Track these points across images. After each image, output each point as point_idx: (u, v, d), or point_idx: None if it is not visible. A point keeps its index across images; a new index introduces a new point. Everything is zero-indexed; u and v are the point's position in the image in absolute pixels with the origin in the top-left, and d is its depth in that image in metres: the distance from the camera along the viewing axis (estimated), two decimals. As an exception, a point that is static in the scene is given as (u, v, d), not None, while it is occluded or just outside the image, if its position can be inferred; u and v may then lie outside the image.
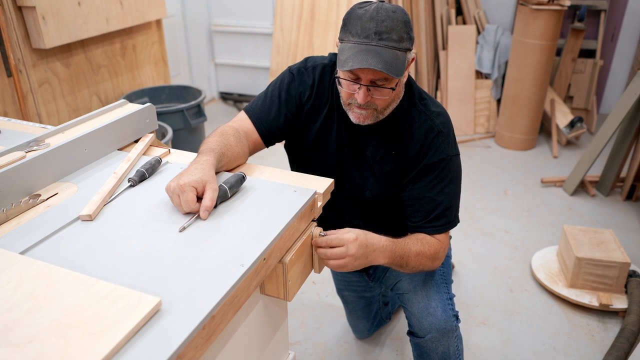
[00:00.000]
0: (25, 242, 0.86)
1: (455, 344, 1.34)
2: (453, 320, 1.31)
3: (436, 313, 1.30)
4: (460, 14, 3.90)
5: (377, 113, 1.19)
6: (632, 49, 3.95)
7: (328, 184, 1.07)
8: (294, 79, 1.30)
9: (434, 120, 1.24)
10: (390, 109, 1.21)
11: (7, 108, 2.21)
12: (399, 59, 1.09)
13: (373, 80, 1.12)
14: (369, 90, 1.13)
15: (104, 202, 0.97)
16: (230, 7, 4.16)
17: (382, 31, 1.08)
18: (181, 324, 0.68)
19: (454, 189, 1.26)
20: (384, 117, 1.22)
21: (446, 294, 1.35)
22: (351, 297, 1.77)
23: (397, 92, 1.18)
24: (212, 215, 0.95)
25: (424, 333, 1.31)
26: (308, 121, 1.32)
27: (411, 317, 1.34)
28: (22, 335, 0.65)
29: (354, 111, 1.19)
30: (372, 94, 1.14)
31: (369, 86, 1.12)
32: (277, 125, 1.29)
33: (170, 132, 2.54)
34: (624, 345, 1.78)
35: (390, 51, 1.08)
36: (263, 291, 0.98)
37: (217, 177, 1.08)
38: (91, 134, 1.14)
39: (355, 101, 1.17)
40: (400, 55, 1.09)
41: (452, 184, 1.25)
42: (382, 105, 1.17)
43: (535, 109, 3.43)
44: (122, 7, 2.64)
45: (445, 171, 1.23)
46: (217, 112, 4.28)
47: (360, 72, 1.11)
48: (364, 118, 1.18)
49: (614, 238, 2.14)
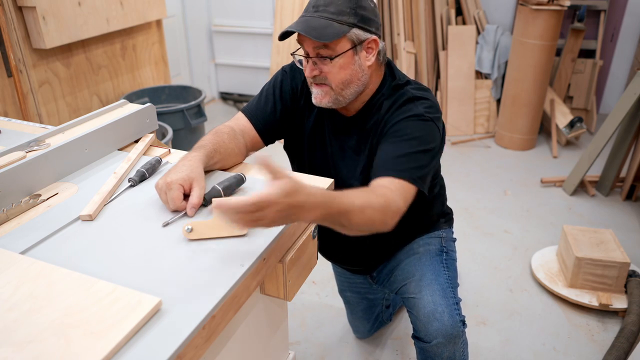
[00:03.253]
0: (25, 242, 0.86)
1: (461, 349, 1.32)
2: (460, 325, 1.27)
3: (443, 318, 1.26)
4: (460, 14, 3.90)
5: (335, 93, 1.19)
6: (631, 49, 3.95)
7: (328, 184, 1.07)
8: (286, 75, 1.34)
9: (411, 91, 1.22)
10: (350, 91, 1.20)
11: (7, 108, 2.21)
12: (331, 27, 1.13)
13: (316, 51, 1.15)
14: (315, 64, 1.17)
15: (104, 202, 0.98)
16: (231, 7, 4.16)
17: (320, 4, 1.15)
18: (181, 324, 0.68)
19: (420, 147, 1.14)
20: (345, 99, 1.21)
21: (452, 299, 1.31)
22: (353, 298, 1.77)
23: (347, 68, 1.17)
24: (210, 214, 0.95)
25: (430, 338, 1.28)
26: (302, 117, 1.34)
27: (417, 322, 1.31)
28: (23, 335, 0.65)
29: (313, 91, 1.23)
30: (320, 68, 1.17)
31: (314, 59, 1.17)
32: (274, 120, 1.32)
33: (170, 132, 2.54)
34: (624, 345, 1.78)
35: (322, 20, 1.14)
36: (263, 291, 0.98)
37: (216, 177, 1.08)
38: (91, 134, 1.14)
39: (310, 79, 1.21)
40: (335, 25, 1.13)
41: (421, 141, 1.14)
42: (335, 82, 1.18)
43: (535, 109, 3.43)
44: (122, 7, 2.64)
45: (414, 127, 1.15)
46: (217, 112, 4.29)
47: (303, 44, 1.17)
48: (321, 97, 1.20)
49: (613, 238, 2.14)
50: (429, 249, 1.43)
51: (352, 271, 1.62)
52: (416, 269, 1.38)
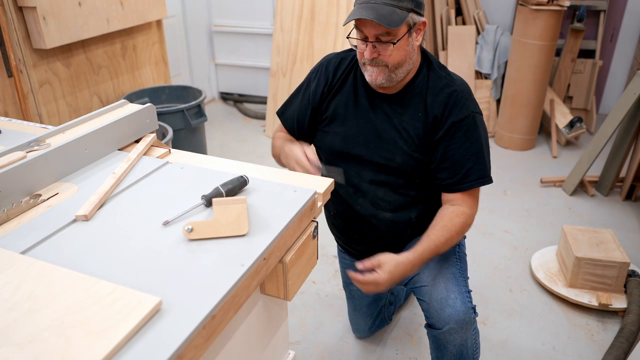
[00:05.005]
0: (25, 242, 0.86)
1: (472, 336, 1.36)
2: (471, 312, 1.32)
3: (455, 304, 1.31)
4: (460, 14, 3.90)
5: (389, 72, 1.27)
6: (631, 49, 3.95)
7: (328, 184, 1.07)
8: (315, 76, 1.44)
9: (455, 81, 1.33)
10: (403, 70, 1.29)
11: (7, 108, 2.22)
12: (395, 13, 1.19)
13: (376, 36, 1.22)
14: (375, 47, 1.24)
15: (100, 202, 0.98)
16: (231, 7, 4.16)
17: None
18: (181, 324, 0.68)
19: (482, 145, 1.31)
20: (397, 77, 1.29)
21: (465, 287, 1.37)
22: (359, 291, 1.76)
23: (403, 49, 1.25)
24: (212, 215, 0.95)
25: (442, 324, 1.32)
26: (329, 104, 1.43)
27: (429, 309, 1.35)
28: (23, 335, 0.65)
29: (367, 70, 1.30)
30: (378, 51, 1.24)
31: (374, 42, 1.23)
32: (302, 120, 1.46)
33: (170, 132, 2.54)
34: (623, 344, 1.78)
35: (387, 7, 1.19)
36: (263, 291, 0.98)
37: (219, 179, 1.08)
38: (92, 134, 1.14)
39: (367, 61, 1.27)
40: (398, 11, 1.19)
41: (480, 140, 1.31)
42: (392, 63, 1.25)
43: (534, 109, 3.43)
44: (123, 8, 2.64)
45: (473, 127, 1.30)
46: (217, 112, 4.29)
47: (364, 29, 1.23)
48: (376, 75, 1.28)
49: (613, 238, 2.14)
50: None
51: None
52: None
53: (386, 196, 1.41)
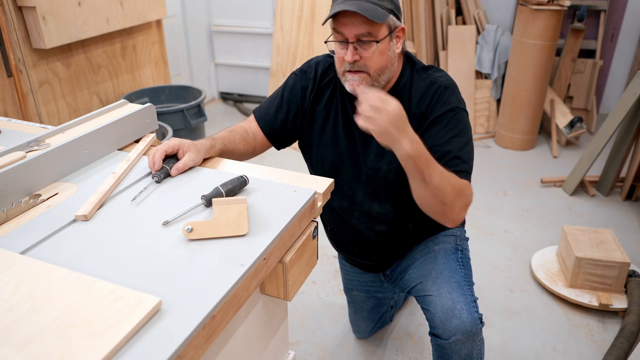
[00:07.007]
0: (25, 242, 0.86)
1: (478, 347, 1.32)
2: (478, 322, 1.27)
3: (462, 315, 1.26)
4: (460, 14, 3.90)
5: (371, 79, 1.20)
6: (631, 49, 3.95)
7: (328, 184, 1.07)
8: (297, 79, 1.37)
9: (438, 78, 1.27)
10: (385, 76, 1.22)
11: (7, 108, 2.21)
12: (378, 10, 1.13)
13: (358, 36, 1.15)
14: (356, 49, 1.16)
15: (100, 202, 0.98)
16: (230, 7, 4.16)
17: None
18: (181, 324, 0.68)
19: (464, 141, 1.24)
20: (380, 84, 1.22)
21: (470, 296, 1.32)
22: (361, 296, 1.75)
23: (385, 53, 1.19)
24: (212, 215, 0.95)
25: (449, 335, 1.27)
26: (314, 112, 1.36)
27: (434, 319, 1.30)
28: (23, 335, 0.65)
29: (347, 79, 1.21)
30: (360, 53, 1.16)
31: (355, 44, 1.16)
32: (280, 124, 1.36)
33: (170, 132, 2.54)
34: (624, 345, 1.78)
35: (369, 4, 1.13)
36: (263, 291, 0.98)
37: (219, 179, 1.08)
38: (91, 134, 1.14)
39: (347, 67, 1.19)
40: (379, 9, 1.13)
41: (462, 135, 1.23)
42: (374, 67, 1.18)
43: (535, 109, 3.43)
44: (123, 7, 2.64)
45: (454, 122, 1.23)
46: (217, 112, 4.29)
47: (344, 29, 1.15)
48: (358, 84, 1.20)
49: (613, 238, 2.14)
50: (445, 247, 1.43)
51: (366, 268, 1.60)
52: (432, 267, 1.38)
53: (381, 208, 1.37)
